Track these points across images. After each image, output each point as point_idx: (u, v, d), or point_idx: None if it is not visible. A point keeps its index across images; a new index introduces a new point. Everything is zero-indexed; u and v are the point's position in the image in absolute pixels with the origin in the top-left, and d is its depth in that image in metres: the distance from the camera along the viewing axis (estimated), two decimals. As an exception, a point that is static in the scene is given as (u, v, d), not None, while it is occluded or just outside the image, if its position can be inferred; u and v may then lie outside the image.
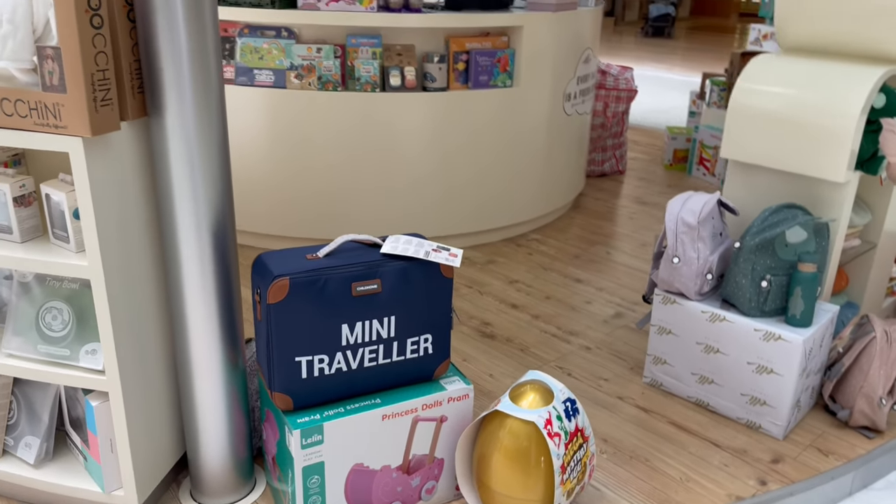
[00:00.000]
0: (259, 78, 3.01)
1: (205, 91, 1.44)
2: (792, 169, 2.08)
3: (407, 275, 1.55)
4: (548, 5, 3.17)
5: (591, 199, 4.09)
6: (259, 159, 3.08)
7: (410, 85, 3.00)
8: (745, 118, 2.15)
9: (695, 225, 2.06)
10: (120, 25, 1.36)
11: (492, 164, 3.24)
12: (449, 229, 3.25)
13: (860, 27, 2.05)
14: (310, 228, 3.15)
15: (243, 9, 2.91)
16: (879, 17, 2.00)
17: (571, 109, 3.53)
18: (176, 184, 1.46)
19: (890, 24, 1.99)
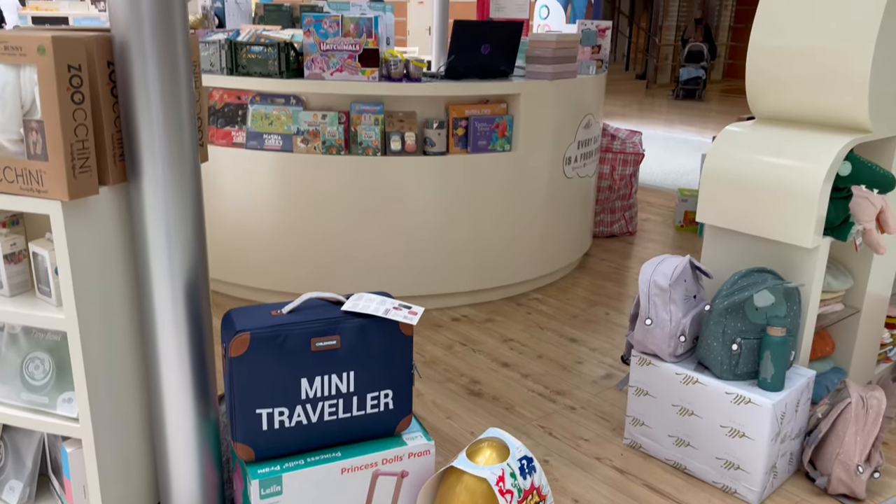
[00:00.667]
0: (268, 142, 3.18)
1: (179, 160, 1.56)
2: (762, 234, 2.12)
3: (366, 332, 1.63)
4: (545, 74, 3.29)
5: (597, 259, 4.14)
6: (267, 219, 3.22)
7: (410, 149, 3.13)
8: (718, 184, 2.20)
9: (666, 287, 2.10)
10: (103, 99, 1.50)
11: (492, 224, 3.33)
12: (449, 287, 3.33)
13: (826, 97, 2.11)
14: (314, 285, 3.25)
15: (255, 78, 3.10)
16: (843, 88, 2.06)
17: (572, 172, 3.61)
18: (151, 244, 1.58)
19: (854, 94, 2.05)
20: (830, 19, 2.07)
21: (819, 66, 2.10)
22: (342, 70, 3.04)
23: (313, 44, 3.01)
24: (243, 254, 3.31)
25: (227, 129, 3.26)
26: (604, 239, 4.51)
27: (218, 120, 3.28)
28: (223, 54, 3.13)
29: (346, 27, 3.00)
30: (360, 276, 3.24)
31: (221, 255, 3.38)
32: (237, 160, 3.20)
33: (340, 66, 3.03)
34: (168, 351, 1.63)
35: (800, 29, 2.13)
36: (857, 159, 2.05)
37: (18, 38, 1.36)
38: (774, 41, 2.19)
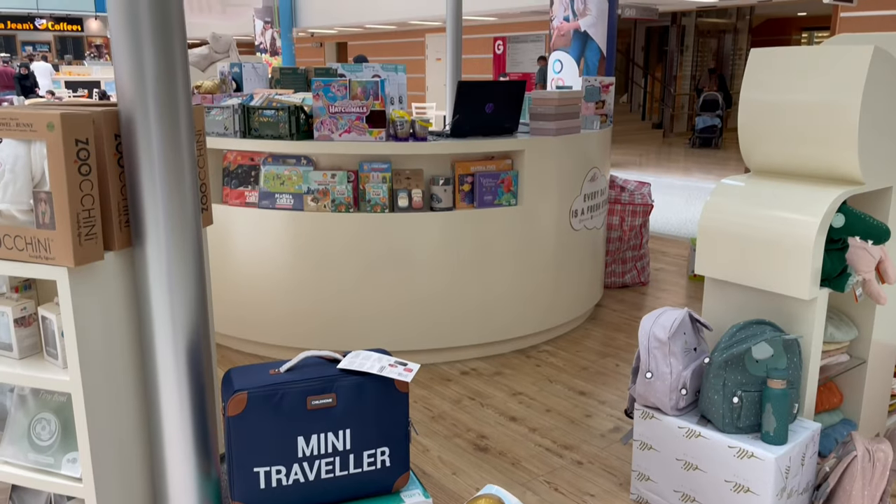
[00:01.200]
0: (280, 201, 3.27)
1: (181, 226, 1.63)
2: (759, 286, 2.13)
3: (362, 389, 1.66)
4: (548, 130, 3.37)
5: (608, 310, 4.14)
6: (278, 276, 3.29)
7: (417, 206, 3.19)
8: (714, 236, 2.23)
9: (665, 340, 2.11)
10: (110, 169, 1.58)
11: (500, 277, 3.37)
12: (458, 340, 3.35)
13: (817, 151, 2.14)
14: (325, 341, 3.30)
15: (268, 140, 3.20)
16: (834, 142, 2.10)
17: (579, 225, 3.65)
18: (154, 306, 1.64)
19: (844, 147, 2.08)
20: (818, 75, 2.12)
21: (809, 121, 2.14)
22: (350, 131, 3.14)
23: (322, 107, 3.12)
24: (255, 310, 3.37)
25: (240, 189, 3.36)
26: (616, 289, 4.51)
27: (232, 181, 3.39)
28: (237, 118, 3.25)
29: (353, 90, 3.11)
30: (370, 331, 3.27)
31: (234, 311, 3.44)
32: (250, 219, 3.29)
33: (349, 128, 3.13)
34: (170, 411, 1.68)
35: (788, 84, 2.18)
36: (851, 211, 2.07)
37: (29, 115, 1.45)
38: (764, 96, 2.24)
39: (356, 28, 17.70)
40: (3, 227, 1.53)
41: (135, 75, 1.54)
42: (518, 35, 15.57)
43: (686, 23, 15.54)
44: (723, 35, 16.54)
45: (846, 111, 2.05)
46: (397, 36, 18.30)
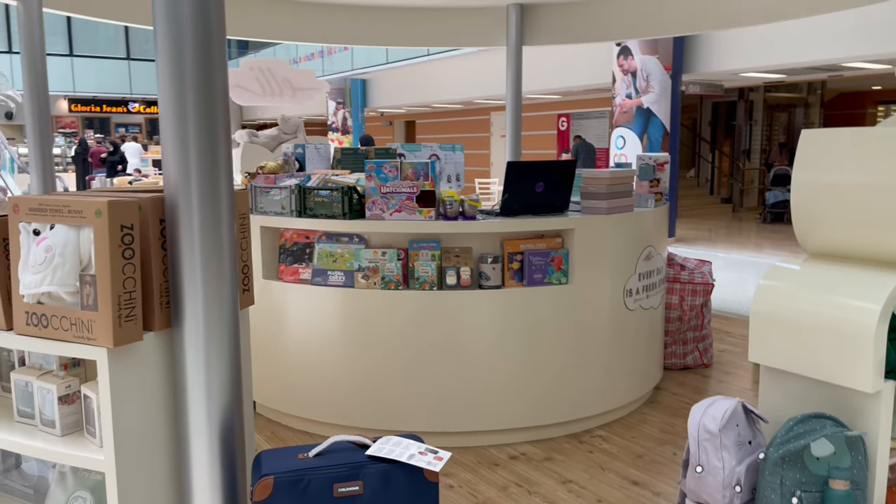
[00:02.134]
0: (332, 278, 3.32)
1: (219, 309, 1.66)
2: (818, 376, 2.01)
3: (389, 477, 1.62)
4: (599, 209, 3.34)
5: (668, 393, 3.98)
6: (330, 353, 3.31)
7: (465, 283, 3.19)
8: (768, 321, 2.13)
9: (716, 432, 2.00)
10: (154, 252, 1.65)
11: (550, 358, 3.29)
12: (507, 423, 3.27)
13: (877, 233, 2.04)
14: (372, 420, 3.27)
15: (322, 220, 3.29)
16: (886, 224, 2.00)
17: (634, 304, 3.56)
18: (189, 387, 1.66)
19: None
20: (876, 155, 2.04)
21: (867, 203, 2.05)
22: (401, 210, 3.19)
23: (374, 187, 3.19)
24: (307, 387, 3.39)
25: (295, 266, 3.44)
26: (677, 371, 4.35)
27: (287, 258, 3.47)
28: (293, 198, 3.36)
29: (404, 171, 3.17)
30: (417, 411, 3.23)
31: (287, 387, 3.47)
32: (303, 296, 3.35)
33: (399, 207, 3.19)
34: (201, 493, 1.67)
35: (846, 165, 2.11)
36: (915, 298, 1.95)
37: (80, 202, 1.53)
38: (819, 177, 2.17)
39: (423, 107, 18.28)
40: (51, 307, 1.59)
41: (180, 164, 1.61)
42: (582, 112, 15.74)
43: (754, 97, 15.40)
44: (793, 109, 16.28)
45: (905, 193, 1.96)
46: (463, 114, 18.78)
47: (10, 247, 1.64)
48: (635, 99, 10.60)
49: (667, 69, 10.34)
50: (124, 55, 25.17)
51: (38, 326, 1.61)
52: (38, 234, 1.58)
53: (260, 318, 3.54)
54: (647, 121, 10.56)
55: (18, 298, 1.62)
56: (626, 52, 10.56)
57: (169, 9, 1.58)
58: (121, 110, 26.13)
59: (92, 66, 24.54)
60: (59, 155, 21.25)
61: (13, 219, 1.62)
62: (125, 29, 24.28)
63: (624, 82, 10.73)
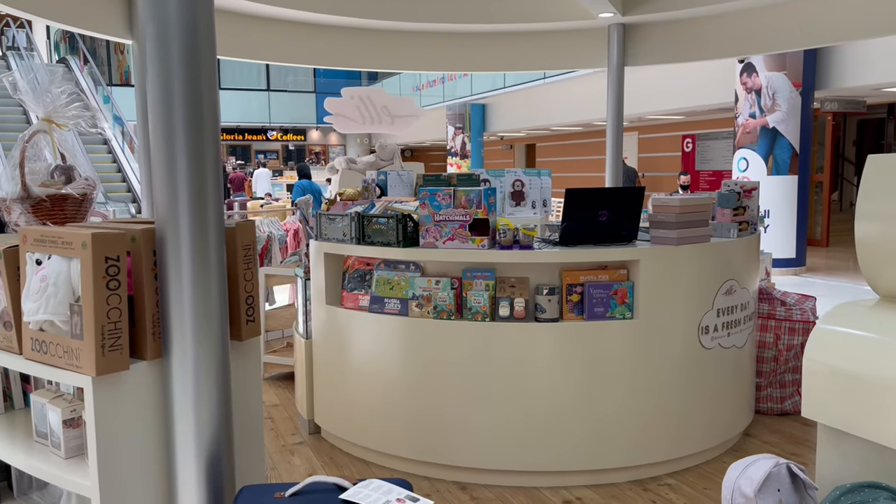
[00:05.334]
0: (388, 306, 3.30)
1: (207, 340, 1.67)
2: (878, 439, 1.74)
3: (362, 524, 1.55)
4: (669, 239, 3.12)
5: (758, 442, 3.63)
6: (382, 381, 3.28)
7: (519, 315, 3.06)
8: (825, 373, 1.87)
9: (752, 496, 1.78)
10: (146, 282, 1.68)
11: (614, 397, 3.09)
12: (564, 465, 3.09)
13: (955, 274, 1.75)
14: (420, 452, 3.20)
15: (377, 247, 3.28)
16: (967, 265, 1.70)
17: (712, 343, 3.28)
18: (177, 418, 1.67)
19: None
20: (951, 183, 1.76)
21: (943, 237, 1.77)
22: (454, 239, 3.12)
23: (428, 215, 3.15)
24: (365, 414, 3.37)
25: (355, 292, 3.45)
26: (773, 417, 3.96)
27: (348, 284, 3.49)
28: (353, 225, 3.38)
29: (458, 199, 3.11)
30: (467, 446, 3.13)
31: (345, 413, 3.47)
32: (360, 322, 3.35)
33: (452, 236, 3.12)
34: (188, 523, 1.67)
35: (914, 195, 1.83)
36: None
37: (71, 234, 1.59)
38: (887, 208, 1.90)
39: (542, 130, 18.14)
40: (49, 335, 1.66)
41: (169, 197, 1.64)
42: (707, 132, 15.02)
43: (904, 114, 14.06)
44: (951, 126, 14.72)
45: None
46: (582, 136, 18.46)
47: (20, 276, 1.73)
48: (760, 118, 9.96)
49: (796, 86, 9.66)
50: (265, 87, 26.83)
51: (40, 352, 1.69)
52: (40, 263, 1.66)
53: (323, 344, 3.58)
54: (774, 141, 9.89)
55: (26, 325, 1.70)
56: (749, 69, 9.97)
57: (158, 45, 1.62)
58: (260, 138, 27.83)
59: (236, 97, 26.35)
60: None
61: (22, 248, 1.71)
62: (266, 65, 25.92)
63: (747, 101, 10.11)
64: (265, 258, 5.70)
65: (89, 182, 3.66)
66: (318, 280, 3.59)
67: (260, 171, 18.15)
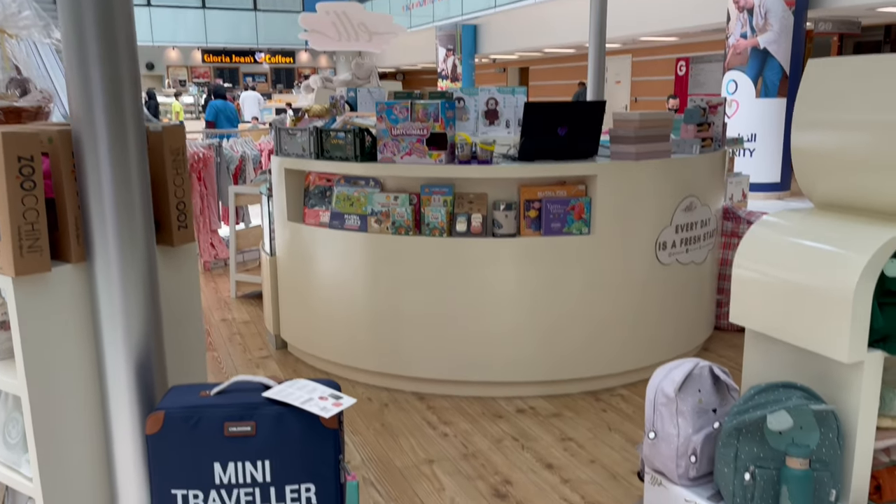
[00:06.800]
0: (348, 222, 3.30)
1: (130, 243, 1.67)
2: (795, 341, 1.77)
3: (283, 421, 1.59)
4: (628, 154, 3.09)
5: (715, 356, 3.70)
6: (342, 296, 3.31)
7: (476, 231, 3.07)
8: (750, 278, 1.89)
9: (673, 397, 1.82)
10: (67, 185, 1.66)
11: (569, 311, 3.13)
12: (520, 375, 3.16)
13: (886, 180, 1.74)
14: (386, 365, 3.26)
15: (335, 162, 3.25)
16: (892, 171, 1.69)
17: (669, 259, 3.30)
18: (103, 321, 1.69)
19: (910, 176, 1.67)
20: (886, 88, 1.73)
21: (875, 144, 1.75)
22: (411, 153, 3.09)
23: (385, 129, 3.11)
24: (328, 329, 3.41)
25: (316, 209, 3.44)
26: (732, 333, 4.03)
27: (310, 200, 3.48)
28: (312, 140, 3.34)
29: (416, 112, 3.06)
30: (426, 358, 3.18)
31: (311, 328, 3.52)
32: (321, 239, 3.35)
33: (410, 150, 3.09)
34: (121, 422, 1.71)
35: (849, 100, 1.80)
36: (913, 256, 1.65)
37: (-17, 135, 1.56)
38: (823, 115, 1.87)
39: (536, 53, 17.76)
40: (-28, 237, 1.65)
41: (82, 96, 1.61)
42: (701, 55, 14.74)
43: (901, 36, 13.76)
44: (950, 49, 14.42)
45: (913, 132, 1.65)
46: (577, 59, 18.09)
47: (-59, 178, 1.71)
48: (751, 39, 9.75)
49: (789, 5, 9.41)
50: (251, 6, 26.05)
51: (-35, 254, 1.68)
52: (-43, 165, 1.64)
53: (287, 261, 3.59)
54: (764, 63, 9.71)
55: (-51, 227, 1.69)
56: (742, -13, 9.69)
57: (64, -63, 1.55)
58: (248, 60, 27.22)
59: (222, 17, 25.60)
60: (192, 104, 22.37)
61: (-60, 151, 1.68)
62: (252, -21, 25.10)
63: (739, 20, 9.87)
64: (239, 178, 5.66)
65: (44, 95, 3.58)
66: (279, 197, 3.58)
67: (247, 93, 17.81)
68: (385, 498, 2.41)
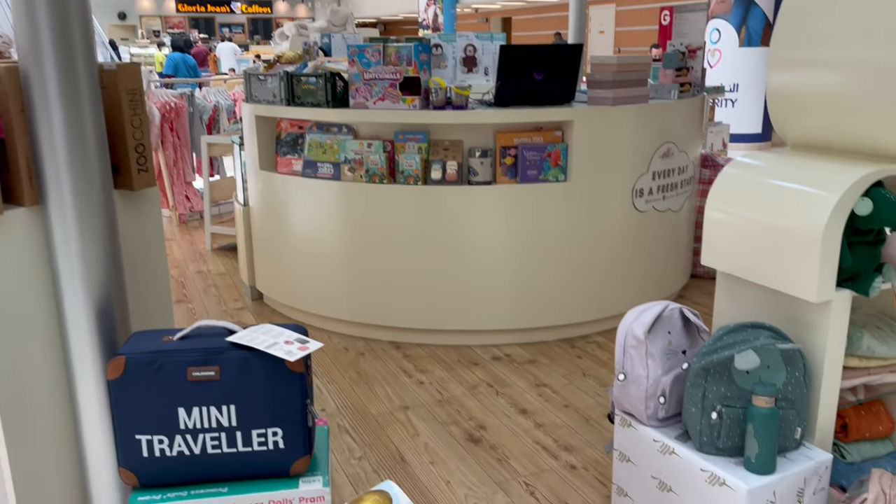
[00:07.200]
0: (321, 170, 3.24)
1: (85, 186, 1.61)
2: (765, 282, 1.76)
3: (248, 365, 1.57)
4: (605, 99, 3.04)
5: (690, 303, 3.72)
6: (321, 248, 3.27)
7: (451, 178, 3.02)
8: (721, 220, 1.87)
9: (642, 338, 1.81)
10: (16, 125, 1.60)
11: (546, 259, 3.12)
12: (496, 323, 3.15)
13: (856, 118, 1.72)
14: (362, 314, 3.24)
15: (307, 108, 3.18)
16: (874, 104, 1.67)
17: (646, 206, 3.29)
18: (60, 265, 1.64)
19: (885, 109, 1.64)
20: (860, 25, 1.69)
21: (850, 81, 1.72)
22: (384, 98, 3.02)
23: (357, 73, 3.03)
24: (303, 279, 3.38)
25: (288, 157, 3.37)
26: (709, 281, 4.05)
27: (281, 148, 3.41)
28: (282, 86, 3.26)
29: (388, 56, 2.99)
30: (401, 307, 3.17)
31: (286, 279, 3.49)
32: (293, 187, 3.30)
33: (382, 95, 3.02)
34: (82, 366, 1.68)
35: (825, 37, 1.76)
36: (883, 195, 1.64)
37: (-76, 71, 1.49)
38: (797, 53, 1.83)
39: (519, 2, 17.43)
40: (-81, 180, 1.59)
41: (28, 29, 1.53)
42: (685, 5, 14.53)
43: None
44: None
45: (890, 68, 1.62)
46: (560, 9, 17.79)
47: None
48: (735, -14, 9.59)
49: (774, -51, 9.25)
50: (227, -47, 25.28)
51: (-88, 199, 1.62)
52: None
53: (260, 211, 3.54)
54: (747, 10, 9.58)
55: None
56: (728, -69, 9.50)
57: None
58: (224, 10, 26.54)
59: (197, -35, 24.86)
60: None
61: None
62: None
63: (724, -33, 9.70)
64: (213, 128, 5.55)
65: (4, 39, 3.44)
66: (251, 145, 3.50)
67: (224, 45, 17.38)
68: (359, 444, 2.42)
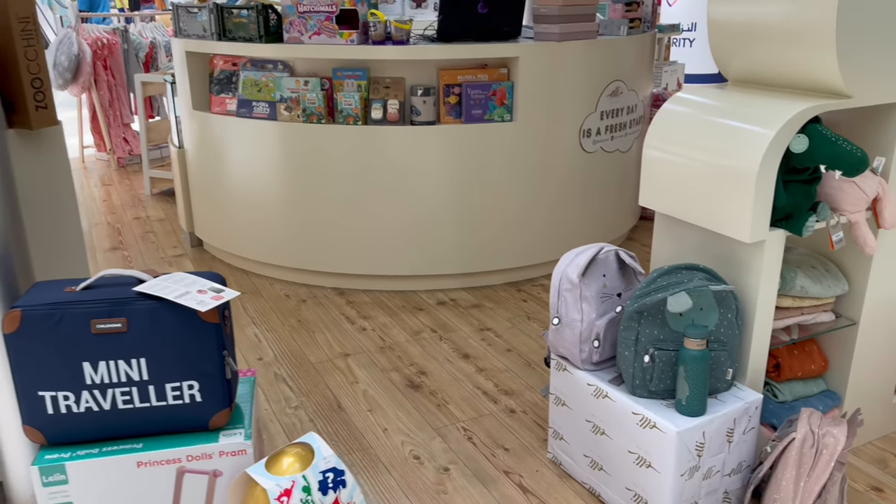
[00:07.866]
0: (257, 110, 3.09)
1: (-30, 122, 1.48)
2: (700, 223, 1.72)
3: (157, 316, 1.48)
4: (551, 35, 2.93)
5: (639, 245, 3.70)
6: (259, 192, 3.14)
7: (392, 118, 2.91)
8: (658, 158, 1.81)
9: (576, 282, 1.76)
10: None
11: (490, 202, 3.04)
12: (441, 268, 3.09)
13: (793, 52, 1.65)
14: (304, 260, 3.15)
15: (239, 43, 3.01)
16: (810, 38, 1.60)
17: (594, 146, 3.22)
18: (-50, 211, 1.52)
19: (821, 44, 1.58)
20: (805, -51, 1.61)
21: (788, 9, 1.65)
22: (320, 33, 2.87)
23: (291, 5, 2.86)
24: (242, 225, 3.26)
25: (222, 96, 3.21)
26: (658, 222, 4.03)
27: (215, 87, 3.24)
28: (212, 19, 3.07)
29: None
30: (343, 252, 3.09)
31: (224, 224, 3.36)
32: (228, 128, 3.15)
33: (318, 29, 2.87)
34: (-16, 322, 1.58)
35: (768, -36, 1.68)
36: (819, 132, 1.59)
37: None
38: (741, -19, 1.75)
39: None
40: None
41: None
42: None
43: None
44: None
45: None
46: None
47: None
48: (695, -79, 9.38)
49: None
50: None
51: None
52: None
53: (196, 154, 3.38)
54: (707, -52, 9.39)
55: None
56: None
57: None
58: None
59: None
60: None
61: None
62: None
63: None
64: (150, 66, 5.29)
65: None
66: (183, 84, 3.32)
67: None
68: (296, 393, 2.36)
